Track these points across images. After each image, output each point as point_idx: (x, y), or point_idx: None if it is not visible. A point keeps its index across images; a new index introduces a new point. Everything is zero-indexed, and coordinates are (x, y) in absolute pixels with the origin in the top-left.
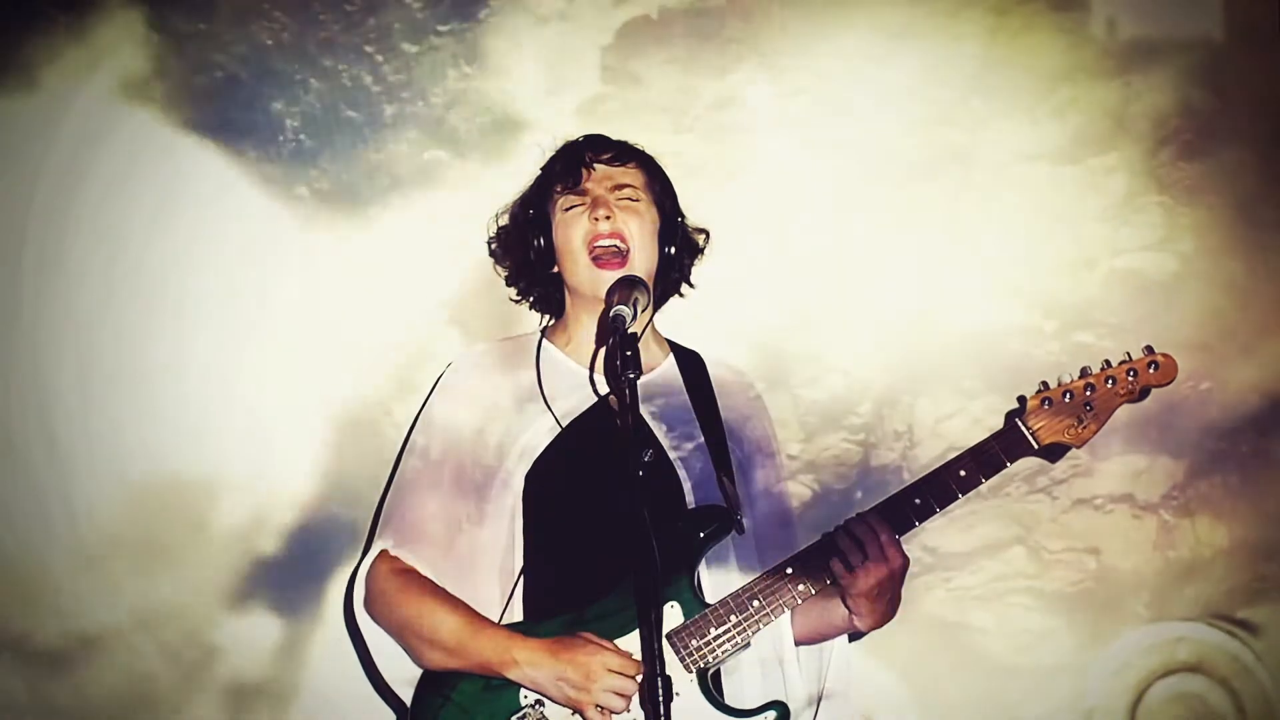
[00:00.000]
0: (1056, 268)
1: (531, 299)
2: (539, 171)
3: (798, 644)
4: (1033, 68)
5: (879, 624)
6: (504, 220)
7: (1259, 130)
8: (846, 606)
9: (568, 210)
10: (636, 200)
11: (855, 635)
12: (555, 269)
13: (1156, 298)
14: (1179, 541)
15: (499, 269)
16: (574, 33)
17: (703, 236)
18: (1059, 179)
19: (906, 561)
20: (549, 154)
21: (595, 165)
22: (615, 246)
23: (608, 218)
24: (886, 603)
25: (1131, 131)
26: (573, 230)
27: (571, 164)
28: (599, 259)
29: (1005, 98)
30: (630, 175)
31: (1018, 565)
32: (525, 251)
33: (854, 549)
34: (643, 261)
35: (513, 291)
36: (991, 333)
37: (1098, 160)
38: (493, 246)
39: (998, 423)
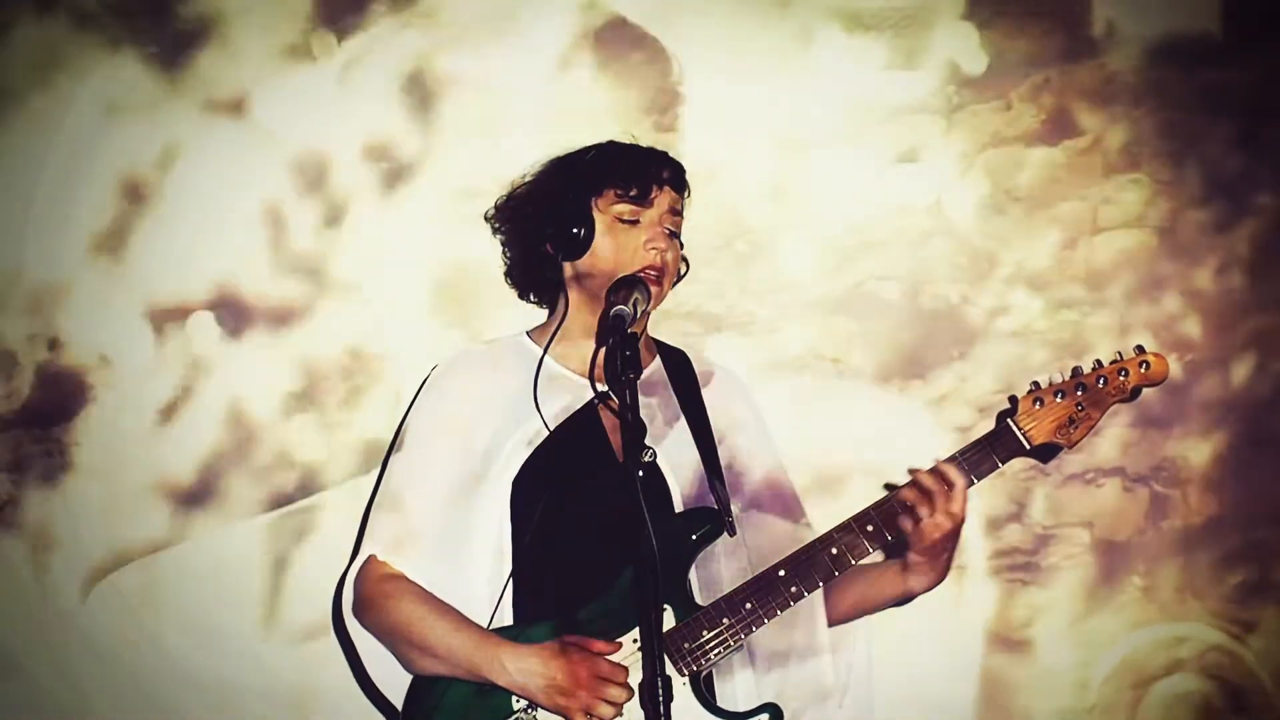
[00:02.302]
0: (1038, 248)
1: (529, 287)
2: (577, 158)
3: (834, 624)
4: (1006, 51)
5: (935, 583)
6: (529, 192)
7: (1232, 103)
8: (907, 564)
9: (621, 221)
10: (676, 234)
11: (897, 603)
12: (568, 261)
13: (1138, 273)
14: (1171, 511)
15: (499, 239)
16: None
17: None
18: (1035, 161)
19: (965, 517)
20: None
21: (665, 187)
22: (656, 274)
23: (664, 250)
24: (946, 560)
25: (1106, 112)
26: (621, 245)
27: (643, 176)
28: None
29: (980, 83)
30: (680, 204)
31: (1013, 541)
32: (549, 233)
33: (923, 499)
34: (665, 288)
35: (502, 277)
36: (977, 313)
37: (1073, 142)
38: (503, 216)
39: (988, 402)
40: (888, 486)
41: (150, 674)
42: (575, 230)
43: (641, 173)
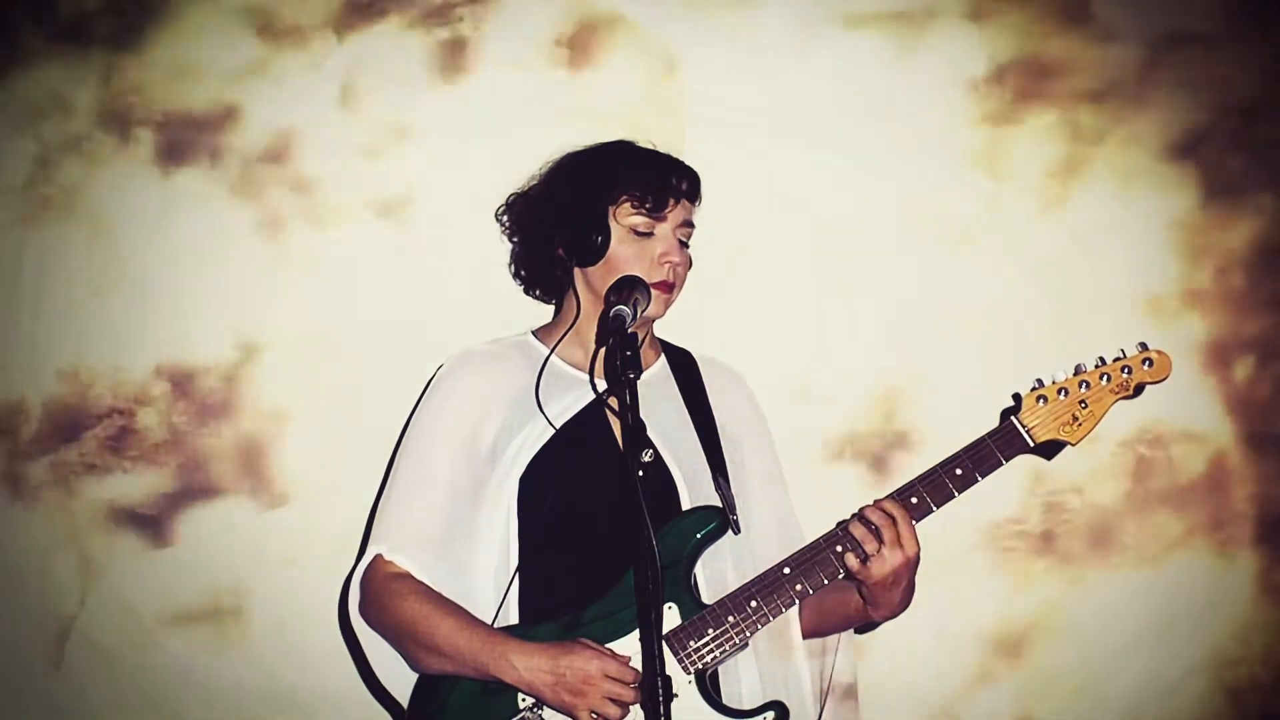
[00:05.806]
0: (1017, 225)
1: (536, 283)
2: (593, 160)
3: (806, 638)
4: (1006, 49)
5: (894, 614)
6: (544, 191)
7: (1232, 102)
8: (862, 597)
9: (636, 232)
10: (688, 245)
11: (865, 628)
12: (581, 266)
13: (1113, 243)
14: (1157, 472)
15: (509, 234)
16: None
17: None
18: (1035, 157)
19: (919, 550)
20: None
21: (682, 200)
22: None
23: (678, 265)
24: (902, 591)
25: (1071, 87)
26: (636, 255)
27: (661, 189)
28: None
29: (980, 80)
30: (692, 215)
31: (1006, 511)
32: (564, 237)
33: (869, 537)
34: (674, 298)
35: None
36: (963, 293)
37: (1039, 120)
38: (515, 212)
39: (984, 384)
40: (840, 524)
41: (150, 674)
42: (594, 238)
43: (660, 185)
